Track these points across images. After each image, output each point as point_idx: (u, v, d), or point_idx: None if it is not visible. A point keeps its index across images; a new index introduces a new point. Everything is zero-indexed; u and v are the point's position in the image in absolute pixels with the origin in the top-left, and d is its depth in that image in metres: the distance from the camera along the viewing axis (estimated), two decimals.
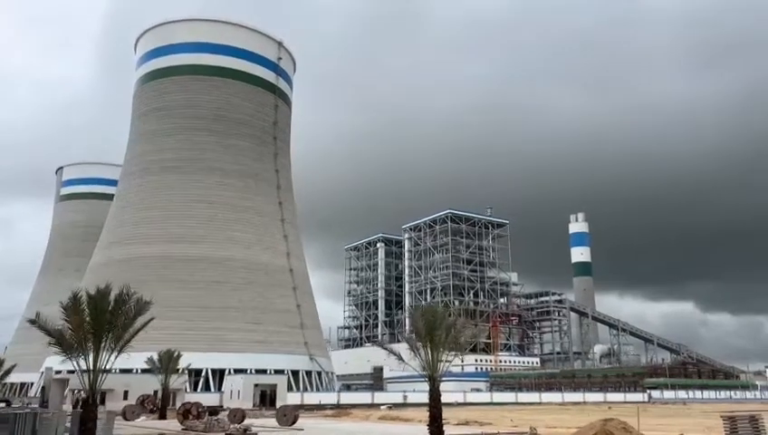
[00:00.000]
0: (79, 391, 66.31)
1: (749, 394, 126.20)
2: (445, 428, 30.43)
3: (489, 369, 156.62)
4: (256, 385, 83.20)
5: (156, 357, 59.62)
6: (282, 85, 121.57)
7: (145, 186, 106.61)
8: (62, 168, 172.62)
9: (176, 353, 59.40)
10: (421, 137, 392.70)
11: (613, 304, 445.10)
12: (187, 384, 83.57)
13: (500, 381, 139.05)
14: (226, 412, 52.84)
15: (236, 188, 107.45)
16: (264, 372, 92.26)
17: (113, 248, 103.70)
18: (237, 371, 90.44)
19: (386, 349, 36.63)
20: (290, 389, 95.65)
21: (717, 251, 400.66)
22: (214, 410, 54.76)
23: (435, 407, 30.06)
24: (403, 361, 30.69)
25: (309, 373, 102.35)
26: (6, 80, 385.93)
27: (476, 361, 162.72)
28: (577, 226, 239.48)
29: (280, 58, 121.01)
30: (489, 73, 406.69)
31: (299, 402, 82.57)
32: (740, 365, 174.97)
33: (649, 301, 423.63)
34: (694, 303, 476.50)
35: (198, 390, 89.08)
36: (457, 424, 43.26)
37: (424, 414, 34.01)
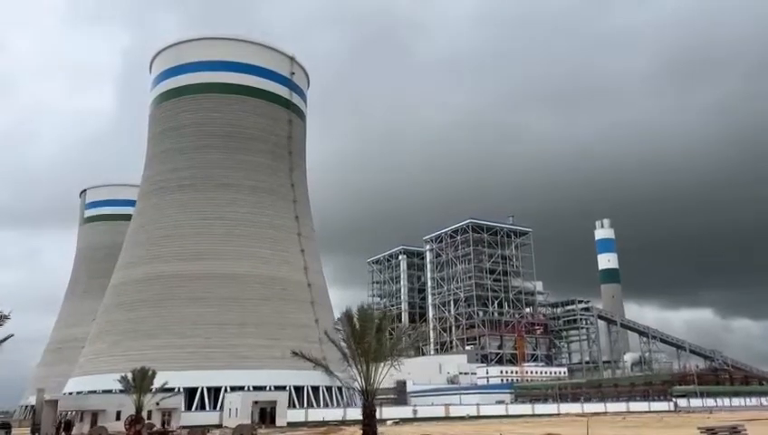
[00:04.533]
0: (66, 413, 66.03)
1: None
2: None
3: (515, 380, 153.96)
4: (255, 402, 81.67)
5: (130, 376, 58.29)
6: (295, 100, 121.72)
7: (161, 205, 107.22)
8: (85, 190, 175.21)
9: (150, 371, 58.17)
10: (434, 148, 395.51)
11: (635, 312, 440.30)
12: (183, 403, 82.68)
13: (524, 393, 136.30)
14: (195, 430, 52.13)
15: (251, 203, 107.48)
16: (282, 388, 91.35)
17: (131, 268, 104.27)
18: (256, 388, 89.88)
19: (311, 361, 33.91)
20: (309, 405, 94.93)
21: (731, 258, 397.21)
22: (164, 432, 54.16)
23: (368, 424, 27.60)
24: (332, 373, 29.01)
25: (329, 389, 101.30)
26: (36, 112, 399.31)
27: (502, 372, 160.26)
28: (603, 232, 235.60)
29: (293, 73, 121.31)
30: (496, 90, 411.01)
31: (302, 419, 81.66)
32: None
33: (667, 309, 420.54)
34: (712, 310, 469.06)
35: (217, 408, 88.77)
36: None
37: (422, 429, 32.75)
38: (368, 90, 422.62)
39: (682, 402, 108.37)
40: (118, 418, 67.69)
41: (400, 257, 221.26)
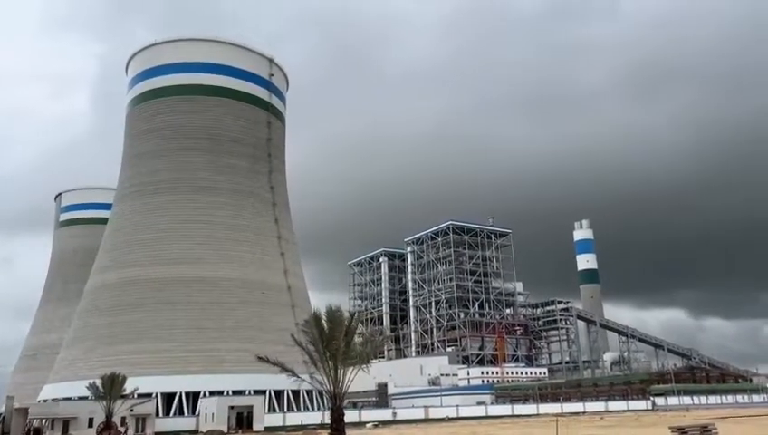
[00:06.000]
0: (33, 420, 64.79)
1: (756, 398, 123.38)
2: None
3: (495, 381, 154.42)
4: (232, 407, 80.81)
5: (99, 382, 57.37)
6: (274, 102, 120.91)
7: (138, 208, 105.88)
8: (60, 194, 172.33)
9: (120, 377, 57.32)
10: (415, 151, 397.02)
11: (612, 312, 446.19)
12: (158, 408, 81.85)
13: (505, 394, 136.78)
14: None
15: (231, 206, 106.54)
16: (262, 392, 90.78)
17: (107, 272, 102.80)
18: (236, 392, 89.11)
19: (276, 364, 33.20)
20: (290, 409, 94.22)
21: (704, 259, 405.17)
22: None
23: (337, 429, 27.22)
24: (297, 376, 28.45)
25: (310, 393, 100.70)
26: (10, 117, 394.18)
27: (483, 373, 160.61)
28: (582, 232, 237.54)
29: (272, 75, 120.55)
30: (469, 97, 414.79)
31: (280, 423, 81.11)
32: (751, 369, 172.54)
33: (641, 309, 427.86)
34: (685, 310, 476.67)
35: (196, 413, 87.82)
36: None
37: (400, 432, 32.50)
38: (347, 94, 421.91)
39: (660, 401, 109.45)
40: (90, 425, 66.64)
41: (381, 260, 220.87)
